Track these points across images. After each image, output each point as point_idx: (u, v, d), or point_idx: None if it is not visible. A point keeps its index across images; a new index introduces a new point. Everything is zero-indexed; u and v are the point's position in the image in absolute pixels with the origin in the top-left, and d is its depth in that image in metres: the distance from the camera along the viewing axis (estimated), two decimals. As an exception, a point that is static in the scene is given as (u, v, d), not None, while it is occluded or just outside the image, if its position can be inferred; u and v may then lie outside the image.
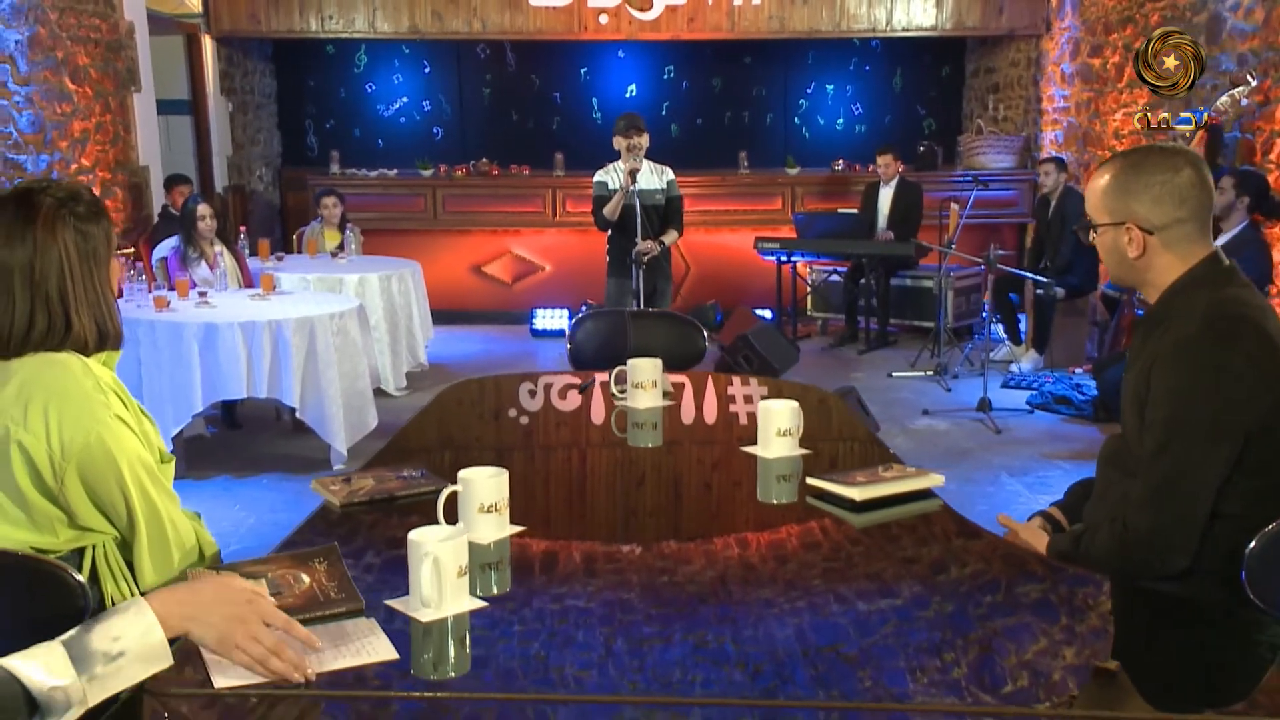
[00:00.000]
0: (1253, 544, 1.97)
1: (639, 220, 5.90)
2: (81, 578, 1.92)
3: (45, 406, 1.94)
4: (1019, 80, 10.07)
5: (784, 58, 11.00)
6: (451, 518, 2.03)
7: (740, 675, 1.61)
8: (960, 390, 7.11)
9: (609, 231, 6.20)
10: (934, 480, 2.32)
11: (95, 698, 1.43)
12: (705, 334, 4.05)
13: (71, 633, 1.46)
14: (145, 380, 5.32)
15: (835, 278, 9.01)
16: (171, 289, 5.96)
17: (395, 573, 1.87)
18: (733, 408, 3.24)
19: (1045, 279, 7.29)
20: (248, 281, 6.61)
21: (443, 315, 8.82)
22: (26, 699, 1.37)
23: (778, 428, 2.51)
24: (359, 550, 2.05)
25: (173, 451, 5.31)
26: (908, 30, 9.62)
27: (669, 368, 3.67)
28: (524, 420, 3.16)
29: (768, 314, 8.83)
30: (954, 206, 8.35)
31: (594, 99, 11.02)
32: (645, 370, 3.02)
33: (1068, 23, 9.10)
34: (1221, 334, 2.01)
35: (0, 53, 6.38)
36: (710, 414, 3.17)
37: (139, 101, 8.06)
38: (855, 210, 8.75)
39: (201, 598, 1.56)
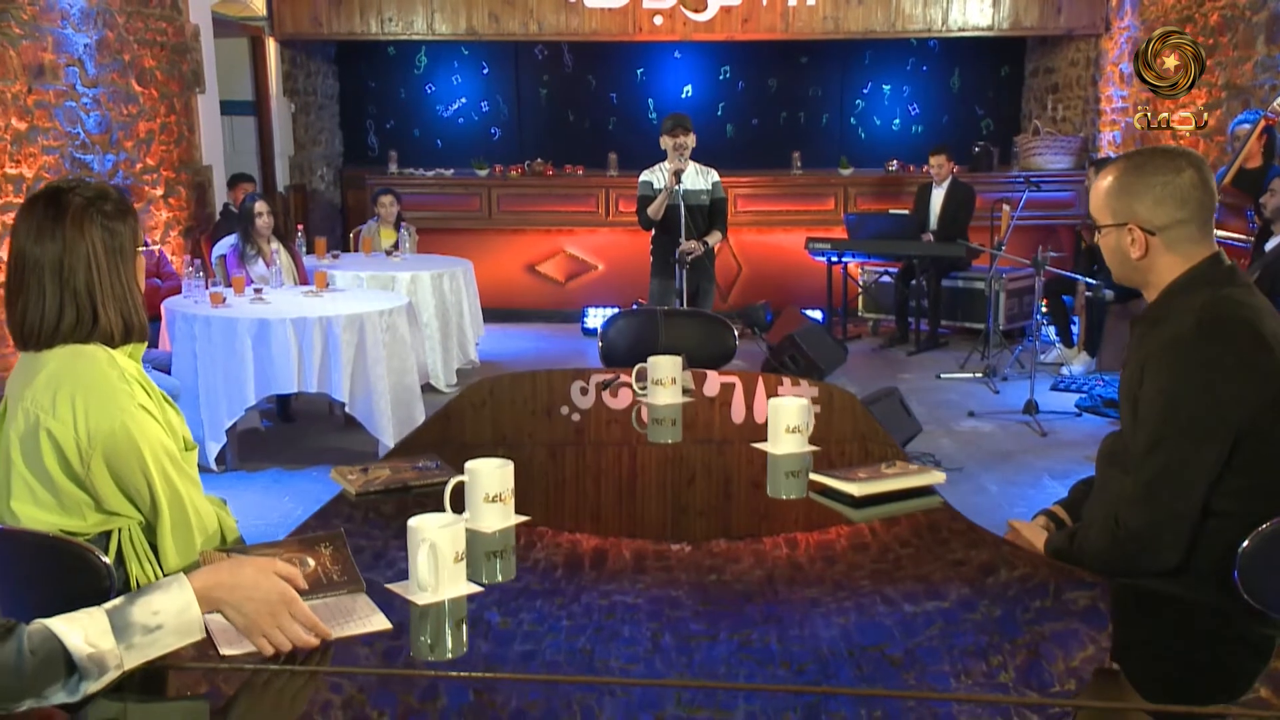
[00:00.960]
0: (1246, 543, 1.99)
1: (683, 220, 5.96)
2: (108, 559, 2.02)
3: (73, 396, 2.04)
4: (1078, 80, 9.96)
5: (840, 58, 10.99)
6: (459, 507, 2.10)
7: (785, 674, 1.64)
8: (1009, 393, 7.06)
9: (653, 231, 6.26)
10: (935, 478, 2.35)
11: (131, 663, 1.54)
12: (736, 333, 4.10)
13: (116, 602, 1.57)
14: (201, 374, 5.48)
15: (886, 278, 8.99)
16: (229, 285, 6.13)
17: (403, 559, 1.94)
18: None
19: (1095, 281, 7.22)
20: (303, 279, 6.77)
21: (496, 313, 8.96)
22: (66, 660, 1.48)
23: (786, 424, 2.56)
24: (370, 536, 2.13)
25: (226, 444, 5.54)
26: (964, 30, 9.57)
27: (699, 365, 3.74)
28: (552, 415, 3.23)
29: (818, 314, 8.84)
30: (1005, 208, 8.29)
31: (650, 99, 11.09)
32: (665, 367, 3.08)
33: (1127, 22, 8.99)
34: (1214, 334, 2.03)
35: (69, 55, 6.59)
36: (760, 414, 3.17)
37: (203, 103, 8.28)
38: (907, 211, 8.73)
39: (240, 582, 1.64)
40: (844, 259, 8.67)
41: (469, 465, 2.12)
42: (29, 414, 2.05)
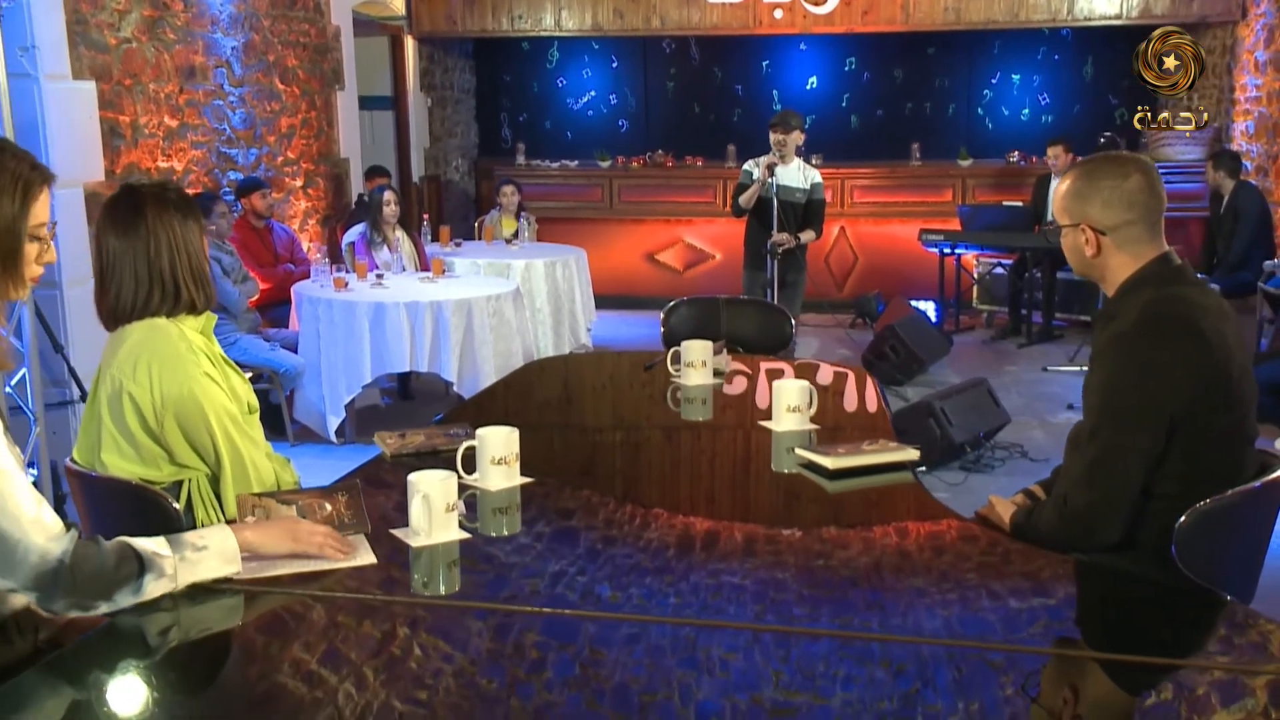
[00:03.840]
0: (1183, 519, 2.14)
1: (774, 214, 6.14)
2: (178, 506, 2.40)
3: (149, 364, 2.42)
4: (1213, 69, 9.68)
5: (968, 48, 10.92)
6: (471, 468, 2.40)
7: (883, 671, 1.69)
8: (1114, 386, 7.01)
9: (747, 222, 6.46)
10: (909, 455, 2.54)
11: (183, 578, 1.89)
12: (794, 322, 4.31)
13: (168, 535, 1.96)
14: (323, 353, 5.95)
15: (1000, 270, 8.97)
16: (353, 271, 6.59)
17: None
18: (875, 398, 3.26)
19: (1204, 274, 7.12)
20: (424, 265, 7.19)
21: (615, 300, 9.30)
22: (137, 559, 1.85)
23: (787, 404, 2.77)
24: (395, 492, 2.43)
25: (345, 419, 5.99)
26: (1090, 20, 9.44)
27: (757, 352, 3.97)
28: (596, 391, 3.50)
29: (931, 306, 8.89)
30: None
31: (774, 91, 11.23)
32: (696, 351, 3.32)
33: (1263, 8, 8.73)
34: (1152, 330, 2.19)
35: (218, 58, 7.15)
36: (850, 403, 3.29)
37: (342, 99, 8.81)
38: (1021, 203, 8.70)
39: (261, 527, 2.06)
40: (956, 250, 8.70)
41: (479, 432, 2.41)
42: (114, 380, 2.43)
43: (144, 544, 1.87)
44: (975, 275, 9.22)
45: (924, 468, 5.39)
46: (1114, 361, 2.21)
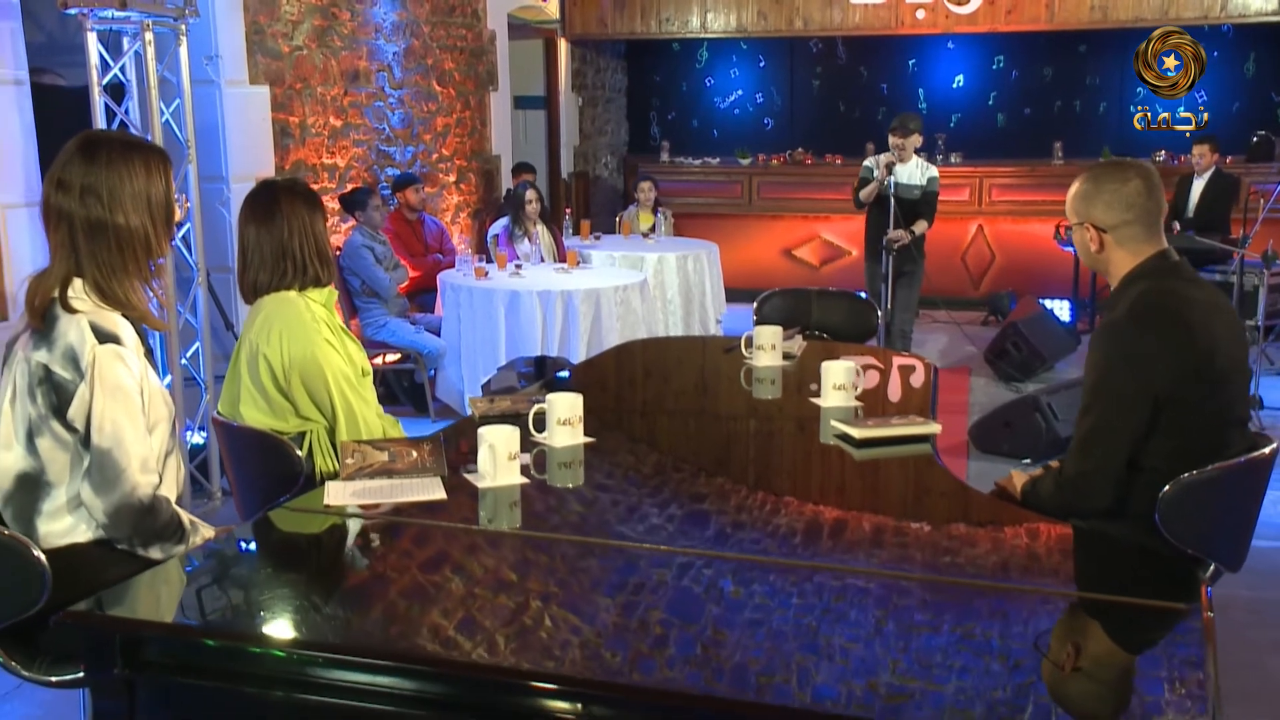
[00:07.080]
0: (1166, 490, 2.36)
1: (891, 211, 6.36)
2: (301, 453, 2.85)
3: (280, 331, 2.87)
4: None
5: (1121, 45, 10.77)
6: (541, 428, 2.78)
7: (999, 666, 1.70)
8: (1243, 388, 6.95)
9: (868, 217, 6.70)
10: (932, 429, 2.79)
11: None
12: (879, 313, 4.57)
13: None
14: (463, 336, 6.45)
15: (1139, 270, 8.89)
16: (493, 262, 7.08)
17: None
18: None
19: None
20: (562, 257, 7.64)
21: (752, 295, 9.50)
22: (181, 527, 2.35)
23: (834, 382, 3.06)
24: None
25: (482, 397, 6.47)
26: (1244, 17, 9.25)
27: (844, 339, 4.25)
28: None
29: (1066, 305, 8.88)
30: (1263, 200, 8.05)
31: (920, 89, 11.33)
32: (766, 335, 3.62)
33: None
34: (1140, 319, 2.42)
35: (380, 62, 7.75)
36: (900, 385, 3.50)
37: (495, 99, 9.35)
38: (1162, 202, 8.61)
39: None
40: (1092, 249, 8.69)
41: (549, 396, 2.78)
42: (252, 344, 2.90)
43: (183, 514, 2.37)
44: (1113, 275, 9.16)
45: (1028, 460, 5.54)
46: (1105, 347, 2.45)
